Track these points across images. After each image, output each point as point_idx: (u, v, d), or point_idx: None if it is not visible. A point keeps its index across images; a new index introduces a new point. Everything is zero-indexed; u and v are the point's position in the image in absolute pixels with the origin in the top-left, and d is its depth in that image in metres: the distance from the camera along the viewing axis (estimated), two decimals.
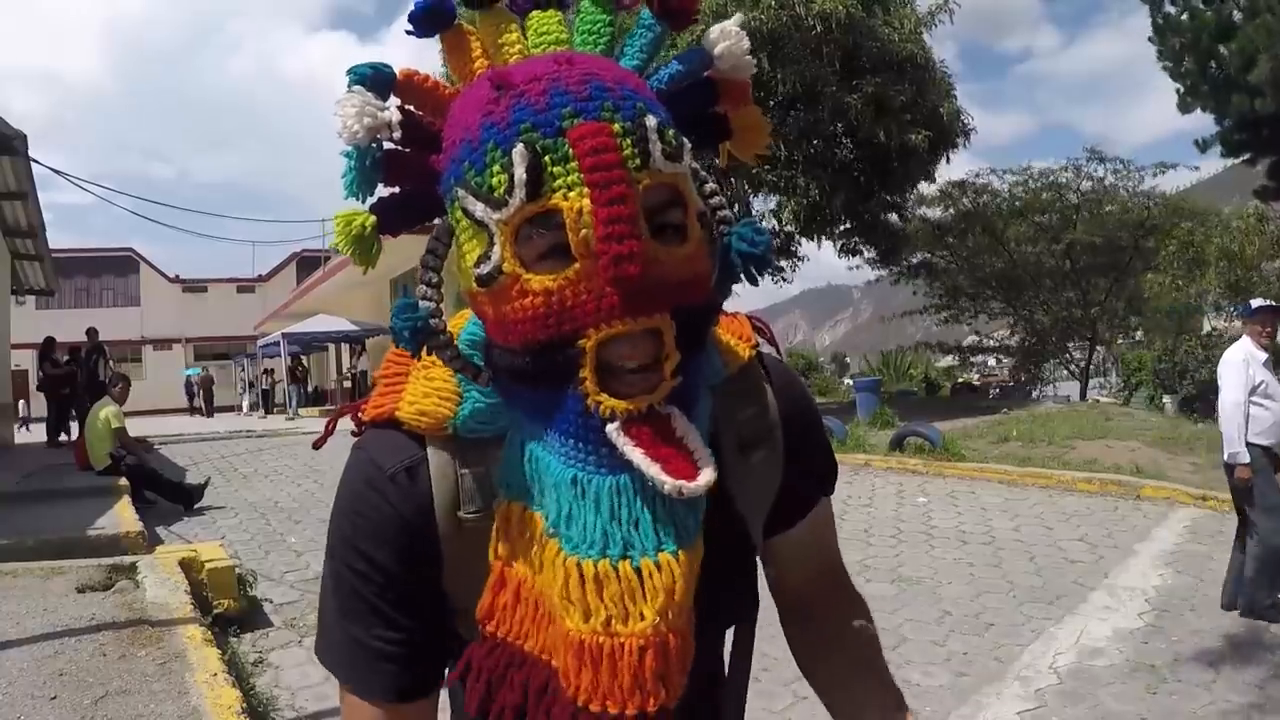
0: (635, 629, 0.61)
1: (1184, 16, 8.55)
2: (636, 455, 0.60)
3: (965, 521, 6.36)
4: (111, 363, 13.99)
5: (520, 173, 0.58)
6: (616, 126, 0.59)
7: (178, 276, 37.30)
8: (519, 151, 0.58)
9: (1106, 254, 17.17)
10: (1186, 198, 16.84)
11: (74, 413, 12.11)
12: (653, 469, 0.60)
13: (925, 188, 15.68)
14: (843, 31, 11.42)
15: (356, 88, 0.64)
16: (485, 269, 0.62)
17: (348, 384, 23.55)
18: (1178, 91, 8.90)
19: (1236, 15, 8.10)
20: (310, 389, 25.14)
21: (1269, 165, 9.37)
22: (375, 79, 0.65)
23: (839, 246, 15.07)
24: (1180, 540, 5.68)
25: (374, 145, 0.64)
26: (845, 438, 9.91)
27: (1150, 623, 4.16)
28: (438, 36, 0.70)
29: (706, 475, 0.61)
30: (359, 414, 0.78)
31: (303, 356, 25.95)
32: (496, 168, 0.59)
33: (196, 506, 7.85)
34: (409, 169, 0.67)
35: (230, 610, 4.38)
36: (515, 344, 0.63)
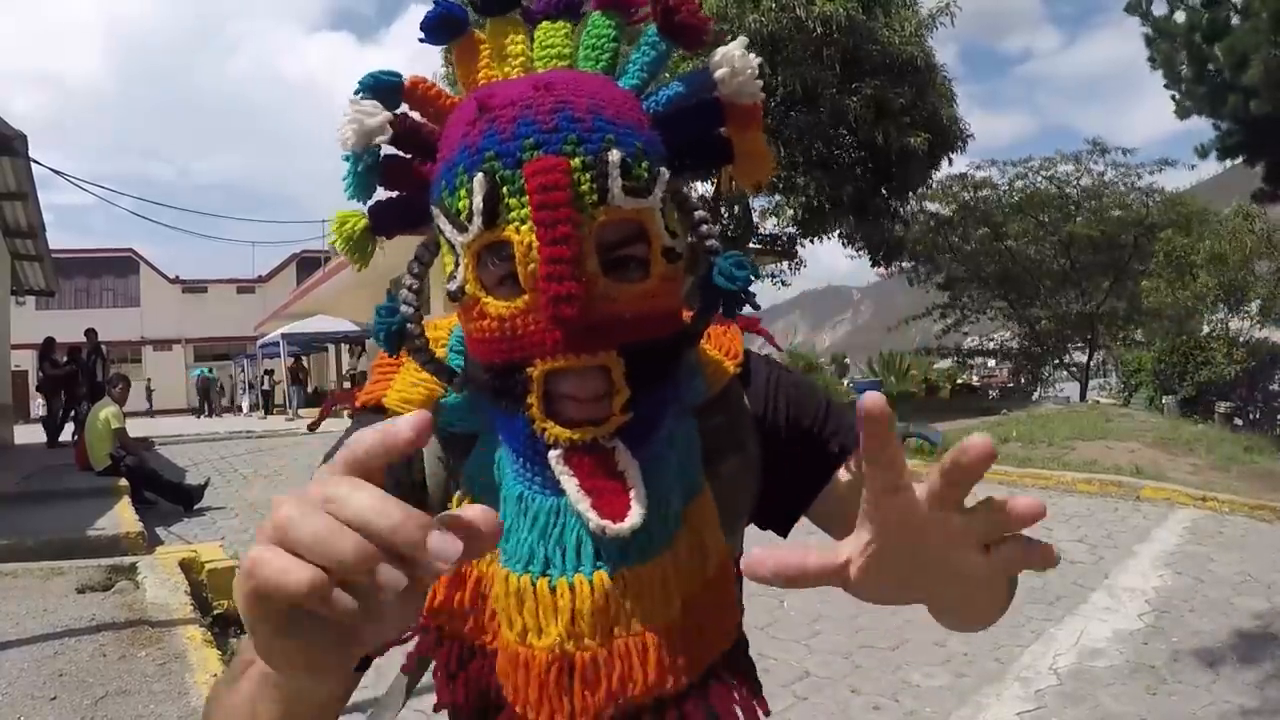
0: (543, 644, 0.63)
1: (1176, 18, 8.55)
2: (570, 486, 0.62)
3: None
4: (111, 363, 14.00)
5: (478, 201, 0.59)
6: (576, 161, 0.59)
7: (178, 277, 37.31)
8: (479, 180, 0.59)
9: (1106, 252, 17.16)
10: (1186, 198, 16.83)
11: (74, 413, 12.11)
12: (582, 504, 0.62)
13: (925, 188, 15.67)
14: (843, 34, 11.43)
15: (357, 95, 0.65)
16: (453, 286, 0.64)
17: (347, 384, 23.56)
18: (1173, 98, 8.91)
19: (1235, 19, 8.10)
20: (310, 389, 25.11)
21: (1265, 168, 9.37)
22: (381, 87, 0.66)
23: (844, 244, 15.08)
24: (1180, 541, 5.68)
25: (370, 150, 0.65)
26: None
27: (1150, 624, 4.16)
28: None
29: (633, 519, 0.62)
30: (352, 401, 0.80)
31: (303, 357, 25.95)
32: (462, 192, 0.61)
33: (196, 507, 7.84)
34: (405, 175, 0.68)
35: (230, 611, 4.36)
36: (480, 360, 0.65)
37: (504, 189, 0.59)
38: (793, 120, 11.78)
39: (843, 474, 0.81)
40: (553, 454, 0.63)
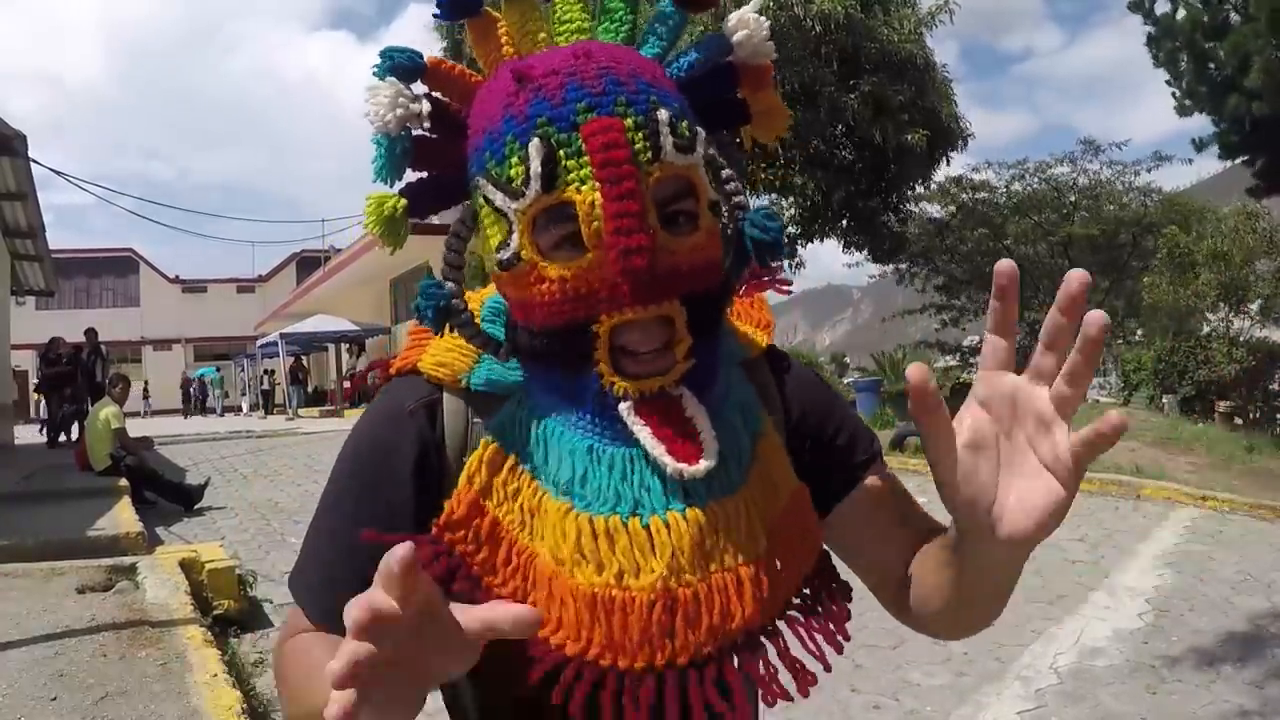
0: (645, 583, 0.63)
1: (1178, 17, 8.54)
2: (644, 434, 0.64)
3: None
4: (110, 363, 13.99)
5: (536, 166, 0.61)
6: (629, 121, 0.61)
7: (177, 277, 37.34)
8: (534, 145, 0.61)
9: (1106, 252, 17.14)
10: (1185, 197, 16.81)
11: (74, 412, 12.11)
12: (658, 449, 0.64)
13: (923, 187, 15.67)
14: (842, 31, 11.42)
15: (389, 78, 0.66)
16: (505, 254, 0.65)
17: (347, 384, 23.56)
18: (1175, 96, 8.90)
19: (1234, 18, 8.09)
20: (310, 389, 25.14)
21: (1261, 165, 9.36)
22: (406, 67, 0.67)
23: (841, 244, 15.08)
24: (1180, 540, 5.68)
25: (404, 133, 0.67)
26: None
27: (1150, 623, 4.16)
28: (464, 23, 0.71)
29: (708, 460, 0.64)
30: (386, 368, 0.82)
31: (303, 357, 25.96)
32: (515, 159, 0.62)
33: (196, 507, 7.84)
34: (437, 155, 0.69)
35: (230, 611, 4.37)
36: (537, 325, 0.66)
37: (560, 152, 0.61)
38: (791, 118, 11.77)
39: (870, 481, 0.82)
40: (623, 406, 0.65)
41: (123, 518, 6.17)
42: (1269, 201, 11.46)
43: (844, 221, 14.04)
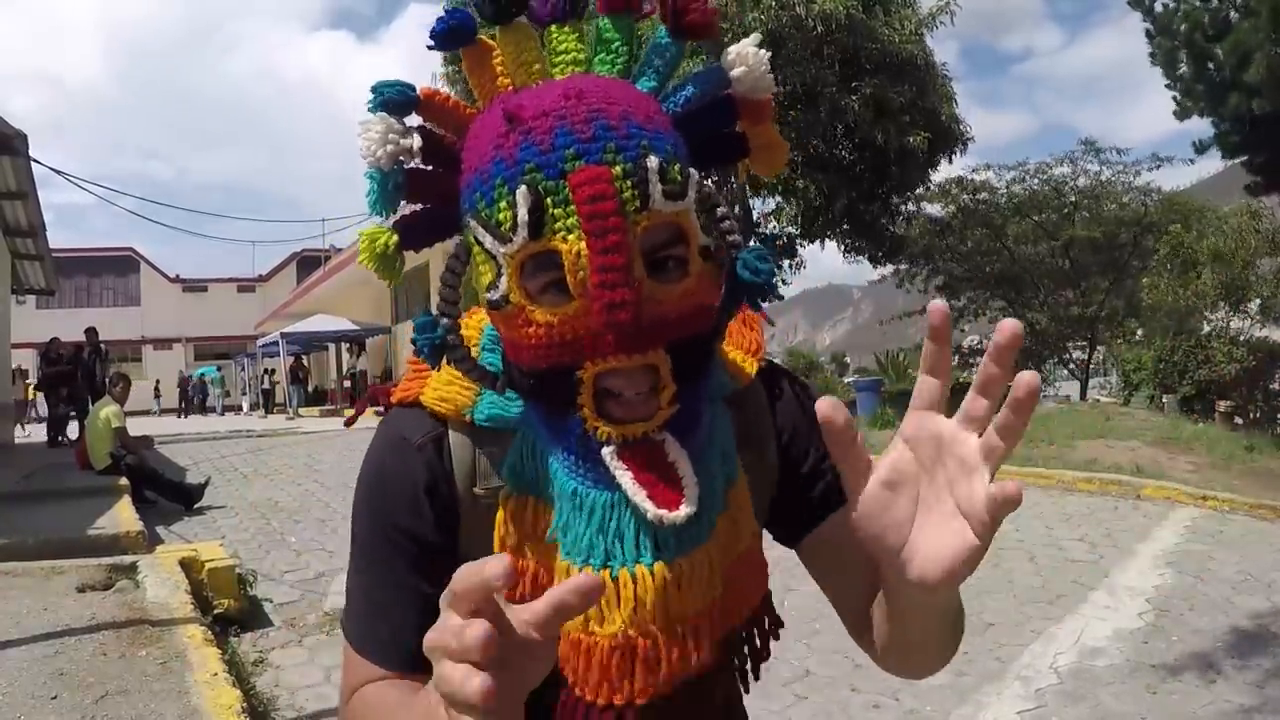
0: (606, 631, 0.67)
1: (1178, 16, 8.53)
2: (626, 480, 0.65)
3: None
4: (110, 363, 14.00)
5: (523, 214, 0.60)
6: (618, 169, 0.60)
7: (178, 276, 37.34)
8: (522, 193, 0.60)
9: (1106, 252, 17.13)
10: (1185, 196, 16.80)
11: (74, 412, 12.12)
12: (639, 495, 0.64)
13: (924, 189, 15.66)
14: (843, 32, 11.42)
15: (380, 113, 0.66)
16: (494, 295, 0.65)
17: (347, 384, 23.56)
18: (1174, 99, 8.89)
19: (1233, 15, 8.08)
20: (310, 389, 25.13)
21: (1260, 162, 9.35)
22: (398, 101, 0.67)
23: (842, 247, 15.07)
24: (1180, 540, 5.68)
25: (396, 167, 0.67)
26: None
27: (1150, 623, 4.16)
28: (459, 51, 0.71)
29: (687, 507, 0.65)
30: (387, 397, 0.82)
31: (303, 357, 25.96)
32: (503, 204, 0.62)
33: (196, 506, 7.84)
34: (431, 188, 0.69)
35: (230, 610, 4.38)
36: (525, 365, 0.67)
37: (548, 200, 0.60)
38: (792, 119, 11.77)
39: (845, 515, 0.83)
40: (606, 451, 0.65)
41: (123, 517, 6.17)
42: (1269, 200, 11.45)
43: (845, 224, 14.04)
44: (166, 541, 6.05)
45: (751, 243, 0.71)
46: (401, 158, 0.66)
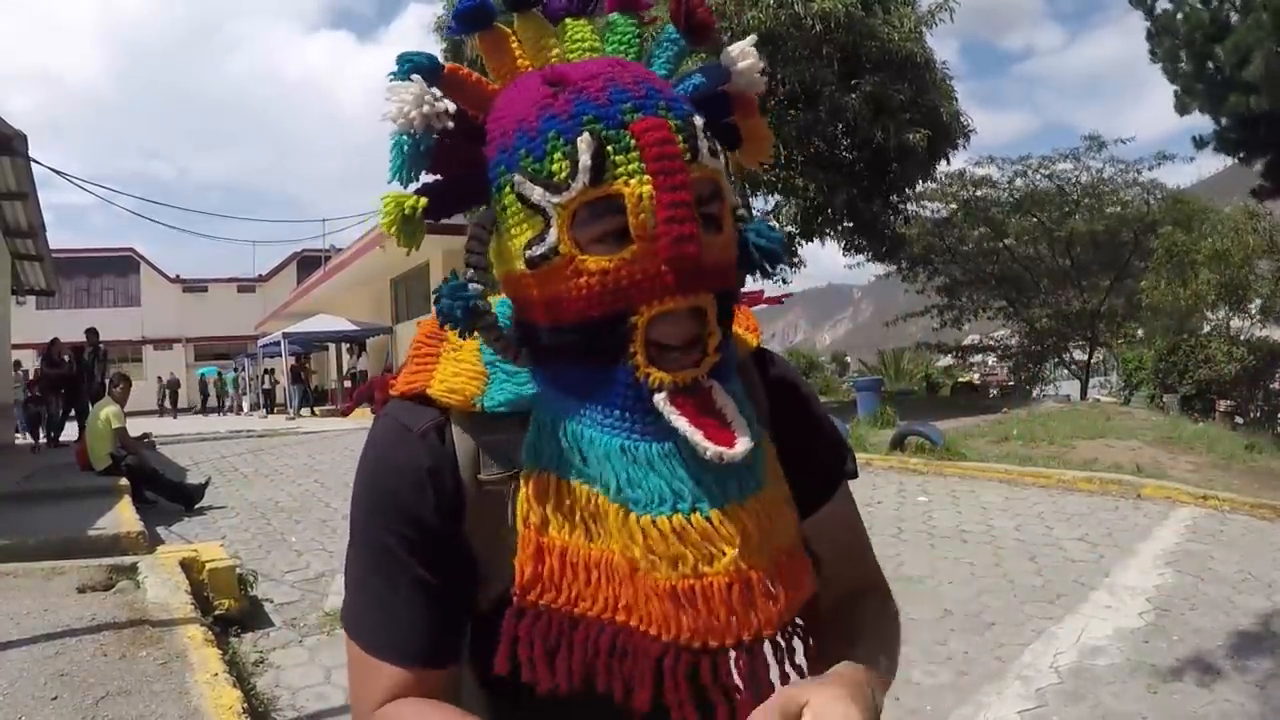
0: (719, 568, 0.66)
1: (1178, 16, 8.52)
2: (682, 424, 0.66)
3: (966, 521, 6.36)
4: (111, 363, 14.00)
5: (586, 159, 0.63)
6: (672, 123, 0.65)
7: (178, 276, 37.35)
8: (585, 139, 0.63)
9: (1107, 250, 17.12)
10: (1187, 195, 16.78)
11: (74, 412, 12.12)
12: (696, 436, 0.65)
13: (924, 185, 15.64)
14: (842, 31, 11.42)
15: (415, 76, 0.68)
16: (539, 250, 0.66)
17: (348, 383, 23.56)
18: (1175, 94, 8.88)
19: (1234, 16, 8.07)
20: (311, 388, 25.11)
21: (1266, 164, 9.34)
22: (426, 69, 0.69)
23: (842, 245, 15.07)
24: (1181, 540, 5.68)
25: (426, 133, 0.68)
26: (846, 437, 9.87)
27: (1151, 622, 4.16)
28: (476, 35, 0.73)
29: (743, 443, 0.67)
30: (386, 389, 0.82)
31: (309, 357, 25.94)
32: (558, 154, 0.64)
33: (197, 506, 7.84)
34: (456, 157, 0.70)
35: (231, 610, 4.37)
36: (567, 322, 0.67)
37: (609, 147, 0.64)
38: (792, 118, 11.77)
39: (836, 504, 0.88)
40: (658, 397, 0.66)
41: (123, 517, 6.17)
42: (1273, 203, 11.44)
43: (845, 223, 14.04)
44: (167, 542, 6.04)
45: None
46: (433, 123, 0.67)
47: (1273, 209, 12.00)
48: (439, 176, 0.71)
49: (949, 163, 14.14)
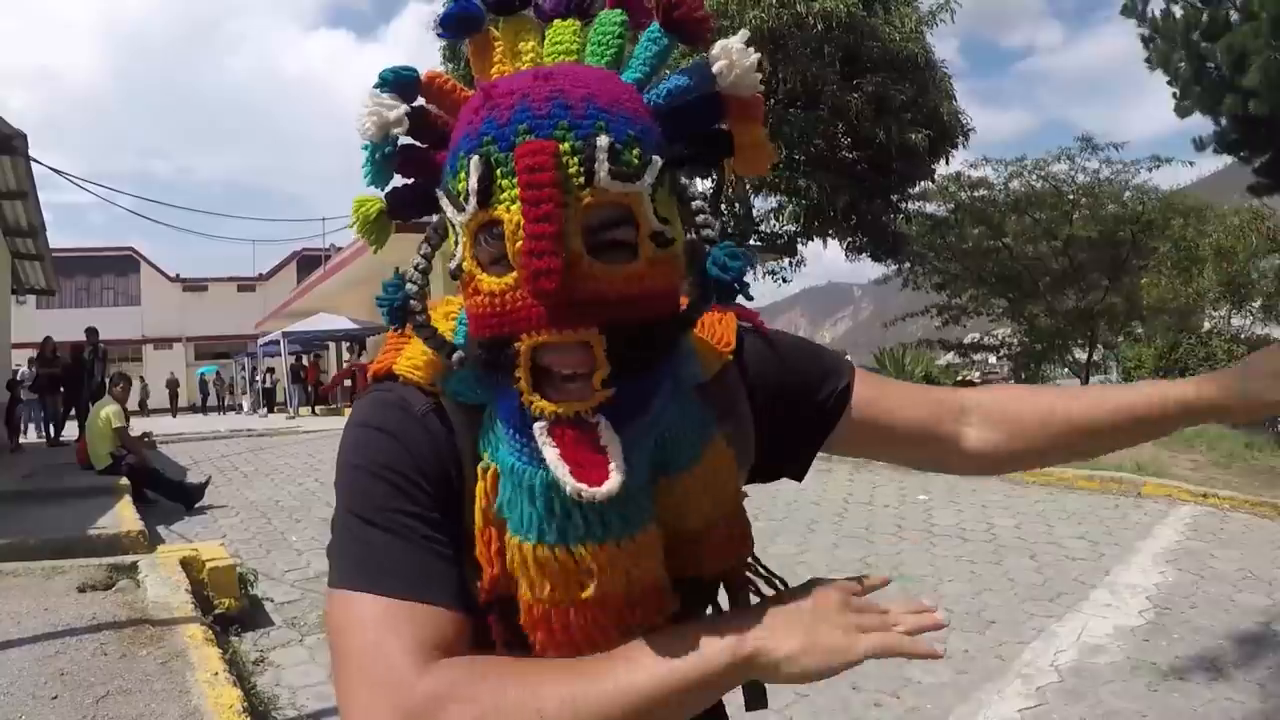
0: (573, 598, 0.69)
1: (1176, 18, 8.51)
2: (551, 455, 0.65)
3: (966, 519, 6.36)
4: (111, 362, 14.01)
5: (472, 182, 0.63)
6: (565, 145, 0.61)
7: (178, 275, 37.34)
8: (474, 162, 0.63)
9: (1105, 249, 17.09)
10: (1185, 194, 16.75)
11: (73, 411, 12.12)
12: (562, 470, 0.64)
13: (924, 185, 15.62)
14: (844, 30, 11.41)
15: (375, 89, 0.69)
16: (453, 265, 0.68)
17: (348, 382, 23.52)
18: (1174, 97, 8.87)
19: (1233, 17, 8.06)
20: (311, 387, 25.12)
21: (1263, 162, 9.33)
22: (398, 82, 0.69)
23: (845, 245, 15.07)
24: (1181, 538, 5.68)
25: (389, 140, 0.68)
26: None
27: (1151, 620, 4.16)
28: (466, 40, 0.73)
29: (610, 485, 0.64)
30: (364, 371, 0.83)
31: (310, 355, 25.92)
32: (462, 174, 0.64)
33: (197, 506, 7.85)
34: (419, 163, 0.71)
35: (231, 609, 4.37)
36: (472, 335, 0.69)
37: (497, 171, 0.62)
38: (793, 118, 11.76)
39: (856, 397, 0.93)
40: (537, 425, 0.66)
41: (124, 516, 6.18)
42: (1270, 200, 11.43)
43: (846, 222, 14.05)
44: (167, 541, 6.05)
45: (753, 241, 0.72)
46: (391, 130, 0.68)
47: (1275, 207, 11.98)
48: (410, 180, 0.72)
49: (949, 162, 14.15)
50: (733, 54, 0.68)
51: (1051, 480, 7.58)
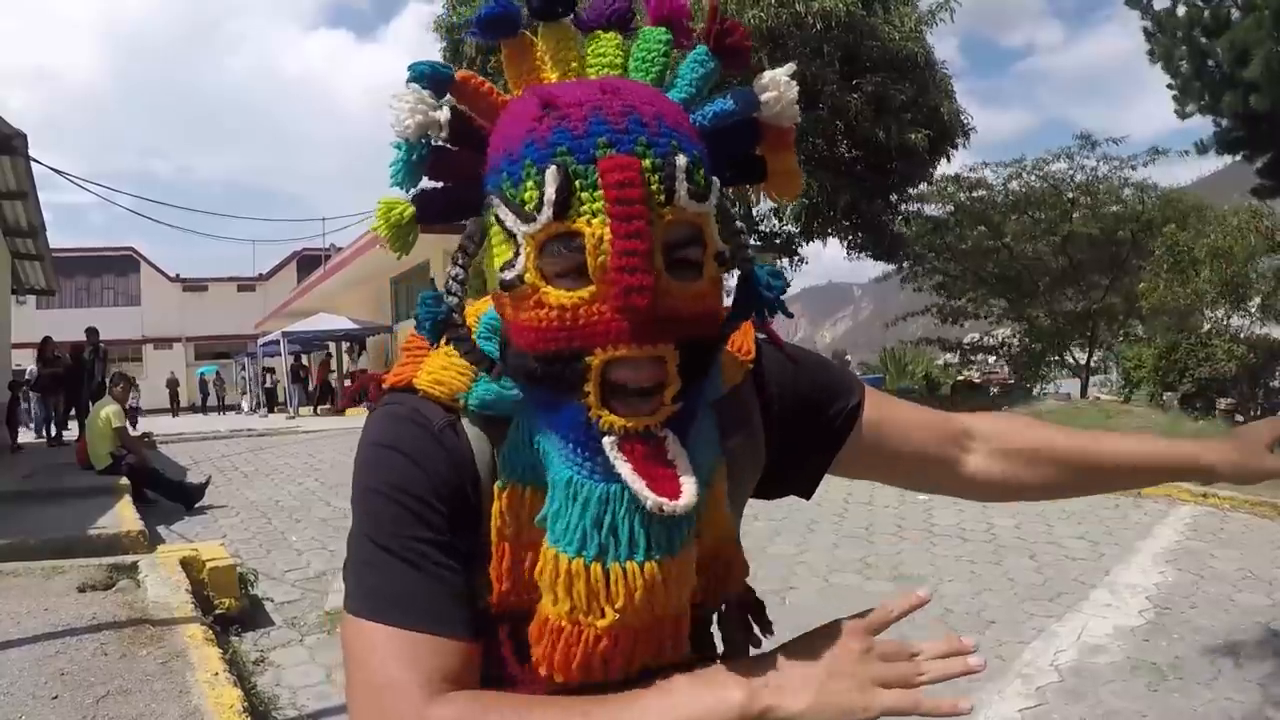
0: (597, 623, 0.67)
1: (1178, 11, 8.50)
2: (625, 470, 0.65)
3: (966, 519, 6.36)
4: (111, 362, 14.00)
5: (550, 193, 0.61)
6: (647, 162, 0.62)
7: (178, 275, 37.32)
8: (551, 172, 0.61)
9: (1105, 248, 17.08)
10: (1184, 193, 16.74)
11: (73, 411, 12.12)
12: (638, 484, 0.64)
13: (924, 185, 15.61)
14: (843, 30, 11.41)
15: (413, 85, 0.67)
16: (509, 275, 0.65)
17: (348, 382, 23.55)
18: (1175, 97, 8.86)
19: (1234, 14, 8.05)
20: (312, 387, 25.13)
21: (1265, 163, 9.32)
22: (433, 78, 0.68)
23: (844, 244, 15.07)
24: (1181, 538, 5.68)
25: (423, 140, 0.67)
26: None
27: (1151, 620, 4.16)
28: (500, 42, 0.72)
29: (687, 498, 0.65)
30: (379, 383, 0.81)
31: (320, 353, 25.92)
32: (530, 183, 0.63)
33: (197, 506, 7.85)
34: (453, 166, 0.69)
35: (231, 609, 4.37)
36: (526, 349, 0.66)
37: (576, 182, 0.61)
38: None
39: (866, 416, 0.93)
40: (607, 440, 0.65)
41: (124, 516, 6.18)
42: (1273, 202, 11.42)
43: (845, 222, 14.05)
44: (167, 541, 6.05)
45: (753, 240, 0.72)
46: (430, 131, 0.66)
47: (1274, 207, 11.97)
48: (439, 184, 0.70)
49: (949, 161, 14.14)
50: (781, 85, 0.71)
51: None
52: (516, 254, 0.65)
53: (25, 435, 13.79)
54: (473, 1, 13.44)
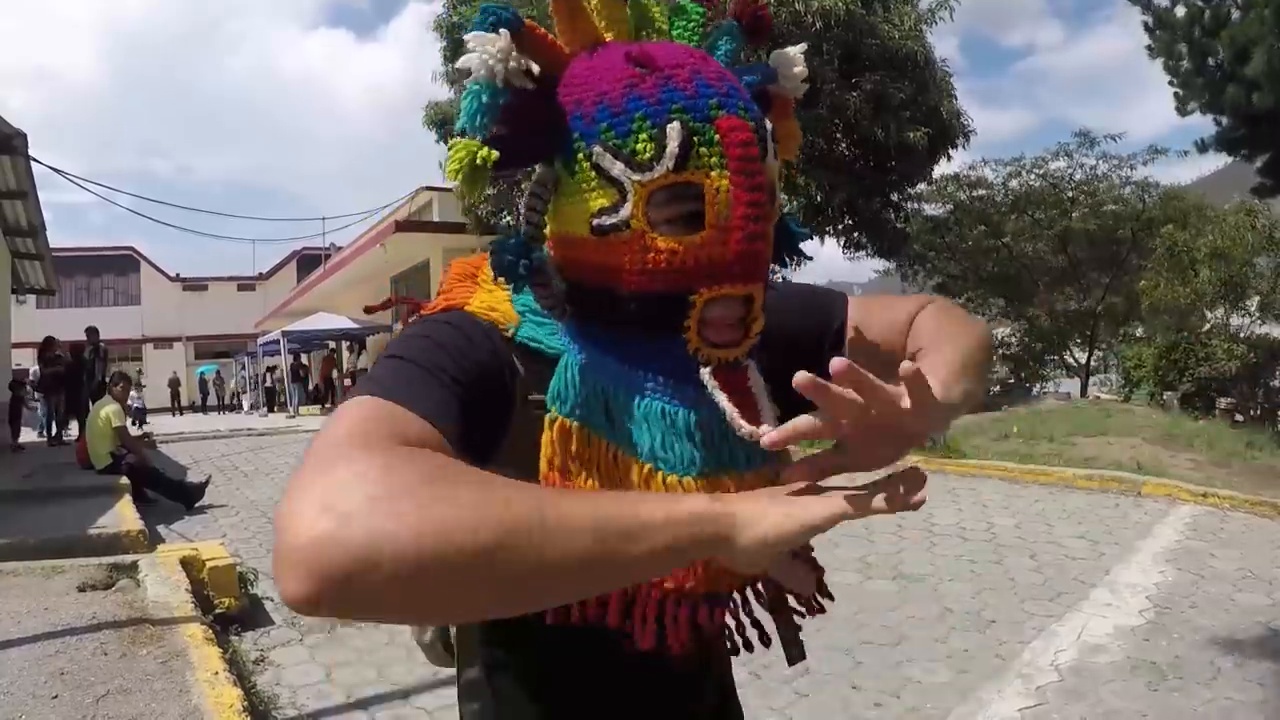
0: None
1: (1177, 10, 8.50)
2: (722, 399, 0.71)
3: (966, 518, 6.36)
4: (111, 362, 14.00)
5: (674, 147, 0.67)
6: (751, 124, 0.70)
7: (178, 275, 37.30)
8: (674, 128, 0.67)
9: (1105, 247, 17.08)
10: (1183, 192, 16.73)
11: (73, 410, 12.11)
12: (734, 413, 0.71)
13: (923, 185, 15.59)
14: (842, 28, 11.40)
15: (502, 30, 0.68)
16: (609, 220, 0.70)
17: (348, 381, 23.55)
18: (1176, 95, 8.86)
19: (1234, 13, 8.05)
20: (312, 387, 25.12)
21: (1265, 162, 9.31)
22: (509, 24, 0.69)
23: (841, 243, 15.04)
24: (1181, 537, 5.68)
25: (506, 87, 0.69)
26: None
27: (1151, 620, 4.16)
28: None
29: (768, 426, 0.70)
30: (420, 308, 0.82)
31: (320, 352, 25.91)
32: (644, 136, 0.68)
33: (197, 505, 7.85)
34: (527, 116, 0.71)
35: (231, 609, 4.37)
36: (625, 289, 0.71)
37: (695, 138, 0.67)
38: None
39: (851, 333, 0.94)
40: (704, 371, 0.72)
41: (124, 516, 6.17)
42: (1274, 201, 11.42)
43: (845, 221, 14.02)
44: (167, 540, 6.05)
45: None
46: (514, 80, 0.69)
47: (1272, 205, 11.98)
48: (503, 132, 0.69)
49: (949, 160, 14.13)
50: (799, 61, 0.82)
51: (1052, 479, 7.59)
52: (621, 201, 0.69)
53: (29, 435, 13.77)
54: (473, 1, 13.44)
